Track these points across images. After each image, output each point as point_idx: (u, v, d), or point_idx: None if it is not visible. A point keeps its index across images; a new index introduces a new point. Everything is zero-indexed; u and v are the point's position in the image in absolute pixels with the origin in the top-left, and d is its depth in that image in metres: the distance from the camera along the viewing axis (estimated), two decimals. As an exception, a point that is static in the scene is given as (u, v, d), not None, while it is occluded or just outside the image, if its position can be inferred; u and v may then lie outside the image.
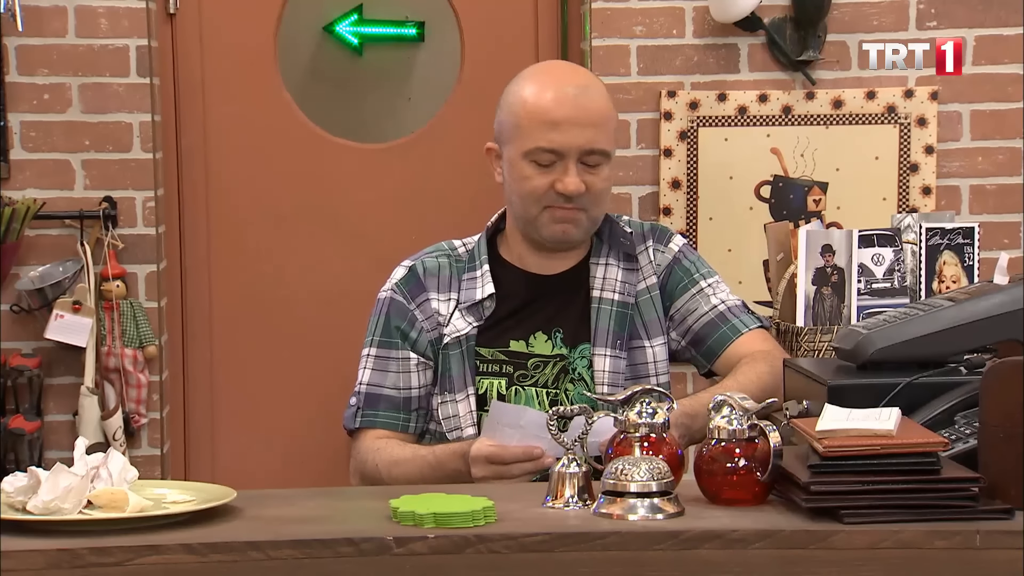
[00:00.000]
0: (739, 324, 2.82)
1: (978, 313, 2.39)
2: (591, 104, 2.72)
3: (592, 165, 2.71)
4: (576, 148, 2.69)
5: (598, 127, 2.72)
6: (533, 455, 2.48)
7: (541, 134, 2.69)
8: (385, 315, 2.81)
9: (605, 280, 2.82)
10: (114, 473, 2.09)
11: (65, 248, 4.00)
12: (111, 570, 1.92)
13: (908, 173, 4.05)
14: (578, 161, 2.70)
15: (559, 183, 2.70)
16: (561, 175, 2.70)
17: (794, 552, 1.96)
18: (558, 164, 2.70)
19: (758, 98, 4.03)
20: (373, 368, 2.79)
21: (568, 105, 2.70)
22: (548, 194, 2.71)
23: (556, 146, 2.69)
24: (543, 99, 2.72)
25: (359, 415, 2.79)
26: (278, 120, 4.21)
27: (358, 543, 1.95)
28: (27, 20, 3.92)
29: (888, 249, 3.06)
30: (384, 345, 2.79)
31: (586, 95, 2.73)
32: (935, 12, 4.04)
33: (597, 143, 2.71)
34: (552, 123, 2.69)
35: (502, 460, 2.49)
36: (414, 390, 2.78)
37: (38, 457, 3.90)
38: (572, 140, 2.69)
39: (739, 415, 2.10)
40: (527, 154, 2.71)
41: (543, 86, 2.74)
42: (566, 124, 2.69)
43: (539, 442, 2.47)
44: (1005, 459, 2.02)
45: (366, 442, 2.77)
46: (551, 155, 2.70)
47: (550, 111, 2.70)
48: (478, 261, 2.81)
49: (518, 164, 2.73)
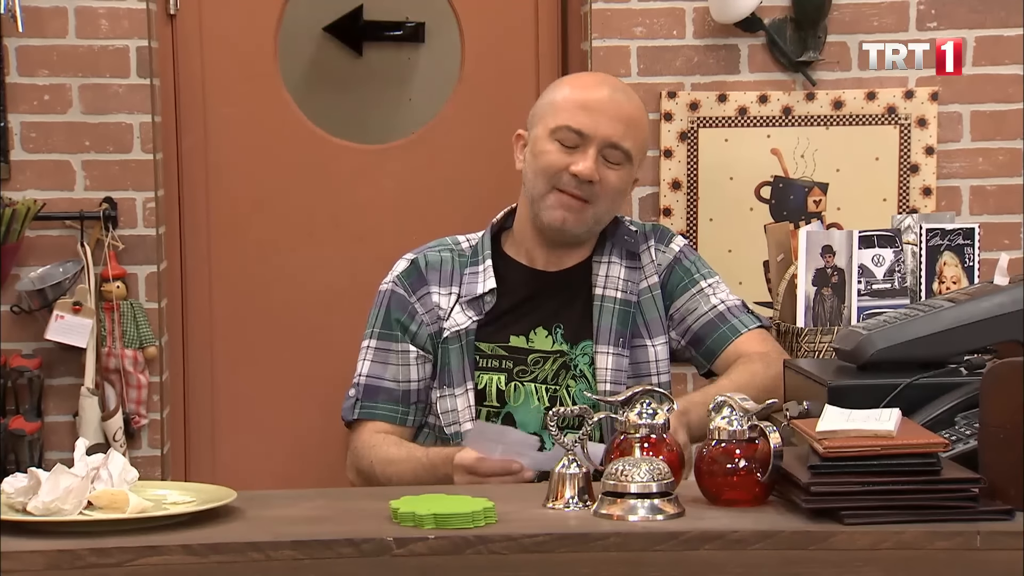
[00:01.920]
0: (738, 324, 2.83)
1: (978, 314, 2.39)
2: (627, 104, 2.80)
3: (612, 161, 2.75)
4: (601, 136, 2.74)
5: (628, 126, 2.77)
6: (511, 469, 2.49)
7: (571, 114, 2.75)
8: (386, 308, 2.82)
9: (608, 278, 2.82)
10: (114, 474, 2.09)
11: (65, 249, 3.99)
12: (111, 571, 1.92)
13: (908, 174, 4.05)
14: (599, 152, 2.73)
15: (574, 165, 2.73)
16: (579, 159, 2.73)
17: (794, 553, 1.96)
18: (579, 149, 2.74)
19: (758, 99, 4.03)
20: (373, 360, 2.80)
21: (605, 97, 2.78)
22: (562, 174, 2.75)
23: (583, 127, 2.74)
24: (583, 88, 2.82)
25: (357, 406, 2.79)
26: (278, 121, 4.21)
27: (358, 544, 1.95)
28: (27, 21, 3.91)
29: (888, 250, 3.06)
30: (384, 337, 2.80)
31: (626, 97, 2.82)
32: (935, 13, 4.04)
33: (623, 140, 2.75)
34: (585, 106, 2.76)
35: (481, 472, 2.50)
36: (413, 383, 2.78)
37: (38, 458, 3.89)
38: (599, 128, 2.74)
39: (739, 416, 2.10)
40: (553, 131, 2.76)
41: (587, 80, 2.90)
42: (598, 112, 2.75)
43: (520, 459, 2.48)
44: (1005, 460, 2.02)
45: (363, 435, 2.77)
46: (576, 136, 2.74)
47: (587, 97, 2.77)
48: (481, 256, 2.82)
49: (542, 140, 2.78)
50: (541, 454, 2.51)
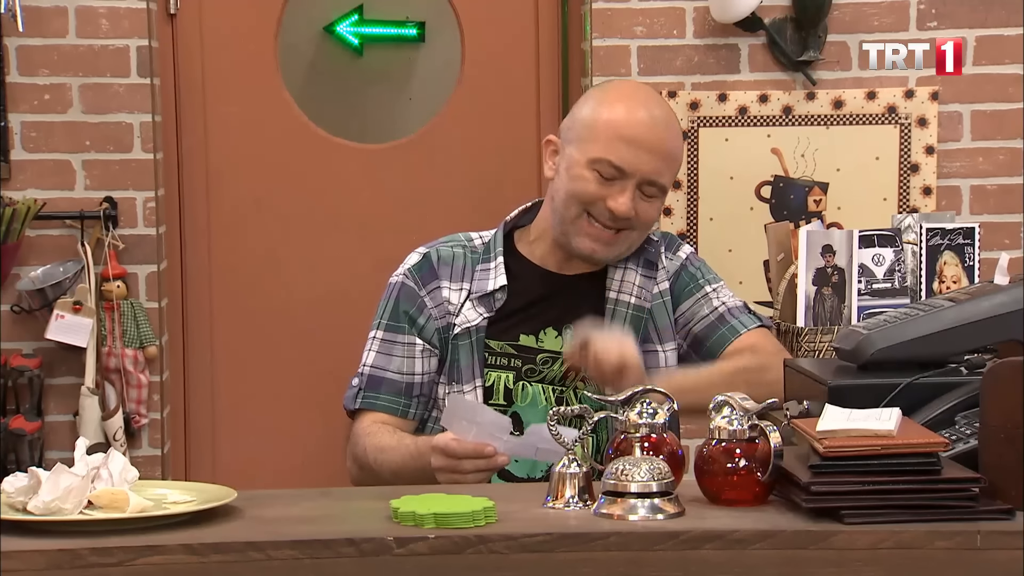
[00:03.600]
0: (738, 325, 2.83)
1: (979, 313, 2.39)
2: (668, 137, 2.75)
3: (648, 195, 2.74)
4: (641, 173, 2.71)
5: (666, 161, 2.75)
6: (484, 453, 2.48)
7: (613, 147, 2.71)
8: (395, 299, 2.82)
9: (624, 283, 2.82)
10: (115, 473, 2.09)
11: (66, 248, 4.00)
12: (112, 570, 1.92)
13: (909, 173, 4.05)
14: (636, 186, 2.72)
15: (611, 200, 2.71)
16: (617, 193, 2.71)
17: (795, 552, 1.96)
18: (617, 183, 2.71)
19: (758, 98, 4.03)
20: (378, 351, 2.80)
21: (647, 129, 2.72)
22: (597, 205, 2.73)
23: (624, 164, 2.70)
24: (627, 115, 2.74)
25: (360, 396, 2.80)
26: (279, 120, 4.22)
27: (359, 543, 1.95)
28: (28, 20, 3.92)
29: (889, 249, 3.06)
30: (391, 329, 2.80)
31: (667, 128, 2.76)
32: (935, 12, 4.04)
33: (661, 176, 2.73)
34: (626, 140, 2.71)
35: (454, 454, 2.49)
36: (417, 376, 2.79)
37: (39, 457, 3.90)
38: (640, 165, 2.71)
39: (739, 415, 2.10)
40: (592, 162, 2.72)
41: (630, 103, 2.75)
42: (641, 148, 2.71)
43: (494, 441, 2.47)
44: (1005, 459, 2.02)
45: (363, 424, 2.78)
46: (615, 171, 2.71)
47: (631, 130, 2.72)
48: (493, 253, 2.82)
49: (579, 167, 2.73)
50: (514, 439, 2.51)
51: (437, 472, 2.51)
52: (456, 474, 2.48)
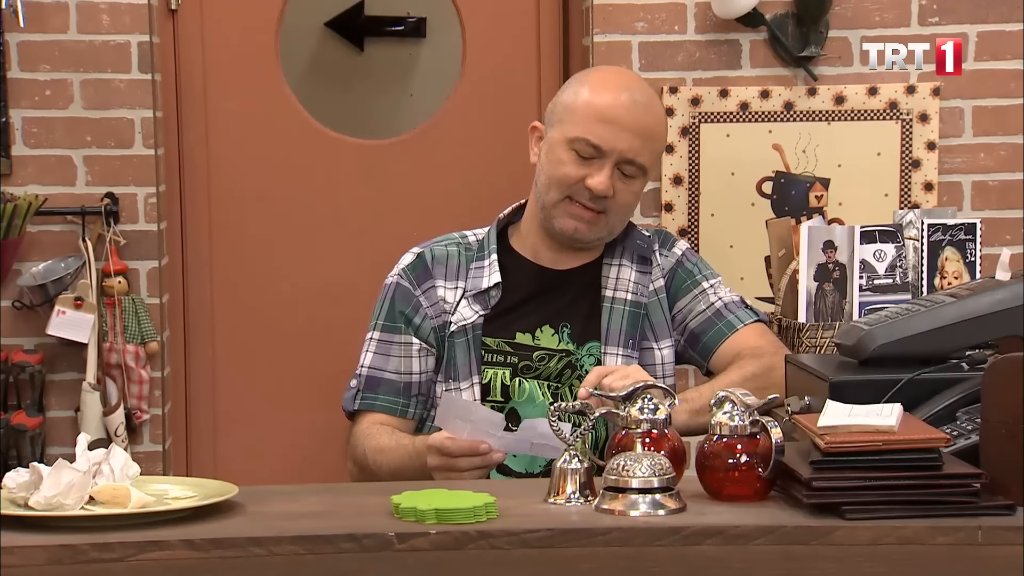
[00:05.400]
0: (734, 320, 2.83)
1: (980, 309, 2.39)
2: (646, 117, 2.76)
3: (627, 175, 2.75)
4: (618, 151, 2.72)
5: (645, 140, 2.75)
6: (479, 450, 2.48)
7: (589, 126, 2.73)
8: (390, 300, 2.83)
9: (618, 280, 2.83)
10: (116, 469, 2.09)
11: (67, 244, 3.99)
12: (113, 566, 1.92)
13: (910, 169, 4.05)
14: (615, 165, 2.72)
15: (590, 178, 2.72)
16: (595, 172, 2.72)
17: (796, 548, 1.96)
18: (595, 161, 2.73)
19: (760, 94, 4.03)
20: (376, 352, 2.81)
21: (625, 109, 2.74)
22: (576, 186, 2.74)
23: (600, 142, 2.71)
24: (604, 95, 2.76)
25: (358, 397, 2.81)
26: (280, 116, 4.21)
27: (360, 539, 1.95)
28: (29, 16, 3.91)
29: (890, 245, 3.06)
30: (388, 329, 2.81)
31: (646, 109, 2.77)
32: (937, 8, 4.04)
33: (639, 155, 2.74)
34: (604, 119, 2.72)
35: (449, 452, 2.50)
36: (415, 376, 2.79)
37: (40, 453, 3.90)
38: (617, 143, 2.72)
39: (741, 411, 2.10)
40: (570, 141, 2.74)
41: (608, 85, 2.78)
42: (617, 126, 2.72)
43: (489, 439, 2.48)
44: (1007, 455, 2.02)
45: (362, 425, 2.78)
46: (592, 150, 2.72)
47: (606, 108, 2.74)
48: (487, 251, 2.82)
49: (558, 148, 2.76)
50: (508, 435, 2.51)
51: (433, 471, 2.51)
52: (452, 472, 2.49)
